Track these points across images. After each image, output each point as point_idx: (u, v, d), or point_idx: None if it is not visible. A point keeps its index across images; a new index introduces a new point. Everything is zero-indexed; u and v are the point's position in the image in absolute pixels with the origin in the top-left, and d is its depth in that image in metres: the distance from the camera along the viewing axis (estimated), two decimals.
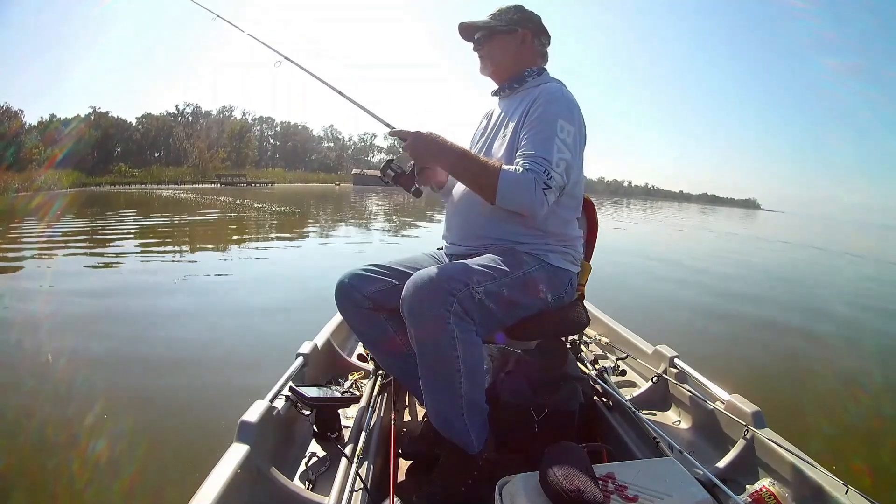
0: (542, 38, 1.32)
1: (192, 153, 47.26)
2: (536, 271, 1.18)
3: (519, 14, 1.29)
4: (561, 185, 1.12)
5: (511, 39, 1.28)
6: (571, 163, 1.15)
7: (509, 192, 1.09)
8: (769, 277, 8.01)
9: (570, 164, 1.14)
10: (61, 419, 2.04)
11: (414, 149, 1.18)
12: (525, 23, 1.29)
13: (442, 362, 1.03)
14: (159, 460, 1.78)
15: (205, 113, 57.98)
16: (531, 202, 1.09)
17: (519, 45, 1.29)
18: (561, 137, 1.12)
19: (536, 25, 1.31)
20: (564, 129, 1.13)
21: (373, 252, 7.14)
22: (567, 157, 1.13)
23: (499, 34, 1.29)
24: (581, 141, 1.20)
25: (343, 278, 1.28)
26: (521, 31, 1.28)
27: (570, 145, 1.14)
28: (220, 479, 0.88)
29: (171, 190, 24.64)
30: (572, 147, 1.15)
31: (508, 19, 1.28)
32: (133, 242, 7.10)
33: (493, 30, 1.29)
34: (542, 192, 1.08)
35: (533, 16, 1.31)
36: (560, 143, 1.12)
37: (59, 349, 2.78)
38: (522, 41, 1.29)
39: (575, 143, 1.16)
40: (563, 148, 1.12)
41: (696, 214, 38.13)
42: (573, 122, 1.16)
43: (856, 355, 3.86)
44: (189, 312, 3.70)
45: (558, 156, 1.11)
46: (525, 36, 1.29)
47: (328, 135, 72.83)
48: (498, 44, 1.29)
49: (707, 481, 0.97)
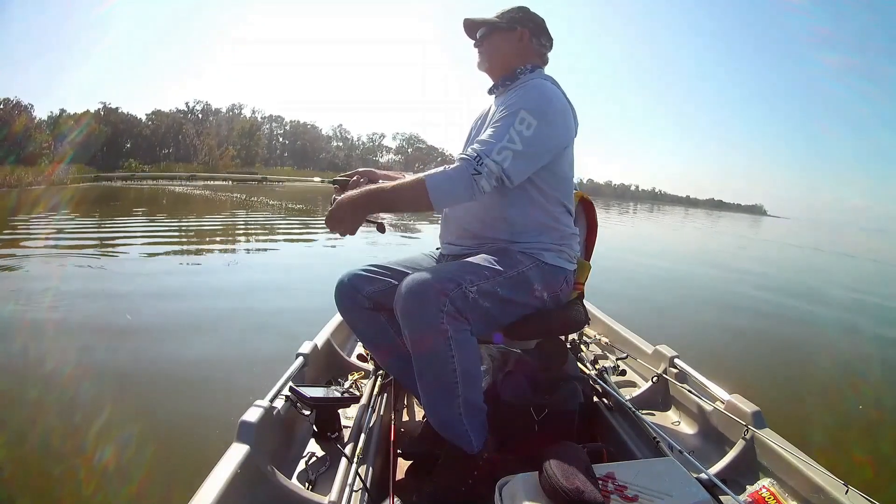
0: (542, 39, 1.32)
1: (201, 150, 47.33)
2: (531, 270, 1.17)
3: (521, 14, 1.30)
4: (496, 173, 1.08)
5: (509, 36, 1.28)
6: (521, 154, 1.10)
7: (438, 192, 1.07)
8: (769, 277, 8.02)
9: (518, 154, 1.09)
10: (67, 425, 2.03)
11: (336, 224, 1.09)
12: (525, 22, 1.29)
13: (437, 363, 1.03)
14: (166, 465, 1.76)
15: (214, 110, 58.35)
16: (462, 191, 1.07)
17: (516, 42, 1.28)
18: (517, 129, 1.10)
19: (536, 25, 1.30)
20: (525, 121, 1.10)
21: (376, 251, 7.15)
22: (516, 148, 1.09)
23: (498, 31, 1.29)
24: (549, 137, 1.15)
25: (343, 278, 1.28)
26: (520, 29, 1.28)
27: (527, 138, 1.10)
28: (220, 479, 0.88)
29: (183, 187, 24.65)
30: (529, 140, 1.10)
31: (510, 17, 1.29)
32: (140, 242, 7.09)
33: (493, 26, 1.29)
34: (472, 178, 1.06)
35: (535, 17, 1.31)
36: (513, 134, 1.10)
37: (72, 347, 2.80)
38: (520, 39, 1.28)
39: (536, 137, 1.11)
40: (516, 139, 1.09)
41: (704, 219, 37.88)
42: (540, 116, 1.12)
43: (856, 354, 3.86)
44: (198, 310, 3.71)
45: (504, 144, 1.08)
46: (523, 34, 1.28)
47: (337, 134, 73.09)
48: (496, 40, 1.29)
49: (707, 481, 0.97)
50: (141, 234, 8.05)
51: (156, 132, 51.66)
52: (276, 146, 67.47)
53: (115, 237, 7.54)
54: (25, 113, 36.05)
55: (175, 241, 7.43)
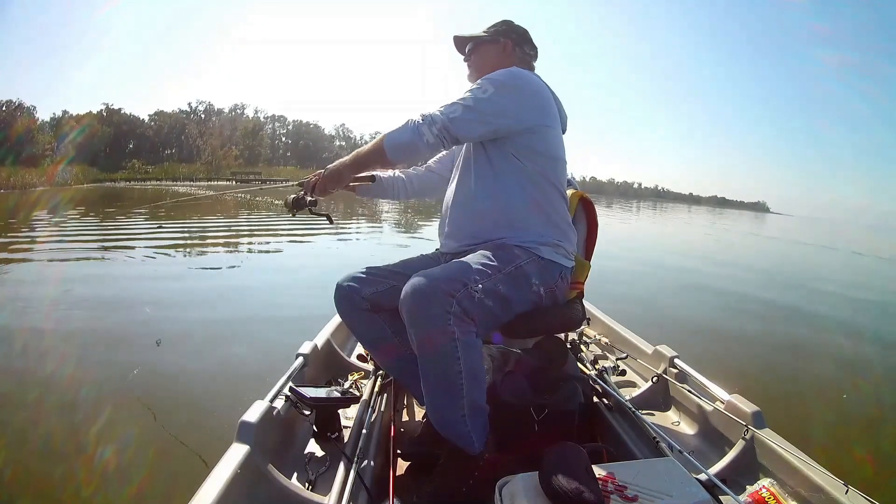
0: (526, 48, 1.39)
1: (204, 150, 47.39)
2: (527, 264, 1.18)
3: (504, 26, 1.38)
4: (438, 122, 1.13)
5: (494, 48, 1.36)
6: (472, 109, 1.15)
7: (392, 143, 1.17)
8: (770, 277, 8.01)
9: (468, 109, 1.15)
10: (68, 426, 2.03)
11: (325, 181, 1.27)
12: (508, 33, 1.37)
13: (443, 364, 1.03)
14: (166, 465, 1.76)
15: (217, 111, 58.33)
16: (406, 138, 1.15)
17: (500, 52, 1.36)
18: (475, 93, 1.16)
19: (519, 36, 1.38)
20: (482, 86, 1.17)
21: (376, 252, 7.15)
22: (467, 104, 1.15)
23: (484, 44, 1.37)
24: (511, 104, 1.19)
25: (341, 281, 1.29)
26: (503, 40, 1.36)
27: (481, 99, 1.15)
28: (220, 479, 0.88)
29: (187, 187, 24.63)
30: (482, 102, 1.15)
31: (494, 31, 1.38)
32: (142, 244, 7.08)
33: (479, 40, 1.38)
34: (416, 125, 1.14)
35: (518, 28, 1.39)
36: (468, 95, 1.16)
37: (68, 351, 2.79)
38: (504, 49, 1.36)
39: (490, 100, 1.16)
40: (469, 98, 1.16)
41: (708, 217, 37.71)
42: (499, 85, 1.17)
43: (856, 354, 3.86)
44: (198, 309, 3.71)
45: (457, 101, 1.16)
46: (506, 44, 1.36)
47: (340, 133, 72.95)
48: (482, 52, 1.38)
49: (707, 481, 0.97)
50: (143, 235, 8.06)
51: (159, 132, 51.84)
52: (278, 146, 67.44)
53: (117, 238, 7.55)
54: (28, 114, 36.17)
55: (177, 242, 7.42)
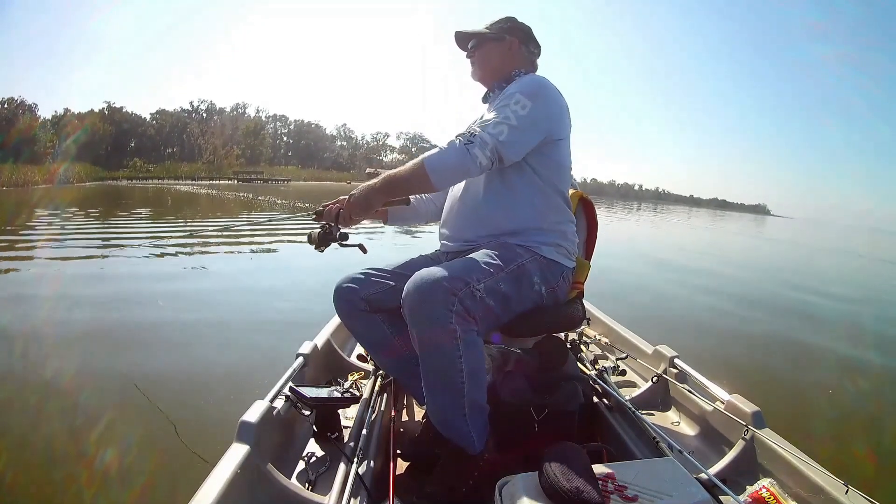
0: (531, 47, 1.38)
1: (206, 150, 47.39)
2: (529, 263, 1.18)
3: (509, 24, 1.36)
4: (490, 143, 1.11)
5: (499, 46, 1.35)
6: (516, 129, 1.13)
7: (437, 167, 1.11)
8: (770, 276, 8.01)
9: (513, 129, 1.13)
10: (69, 429, 2.02)
11: (355, 209, 1.20)
12: (514, 31, 1.35)
13: (444, 363, 1.03)
14: (167, 466, 1.76)
15: (219, 110, 58.29)
16: (456, 161, 1.10)
17: (506, 51, 1.34)
18: (513, 109, 1.15)
19: (524, 34, 1.37)
20: (520, 101, 1.15)
21: (376, 252, 7.13)
22: (511, 123, 1.13)
23: (489, 41, 1.35)
24: (543, 118, 1.19)
25: (340, 282, 1.29)
26: (509, 39, 1.34)
27: (521, 116, 1.14)
28: (220, 479, 0.88)
29: (189, 186, 24.59)
30: (523, 118, 1.14)
31: (498, 28, 1.36)
32: (144, 243, 7.07)
33: (483, 37, 1.36)
34: (465, 147, 1.10)
35: (523, 26, 1.38)
36: (508, 113, 1.14)
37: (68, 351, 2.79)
38: (509, 47, 1.35)
39: (531, 116, 1.15)
40: (511, 116, 1.14)
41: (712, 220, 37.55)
42: (533, 98, 1.16)
43: (856, 353, 3.86)
44: (198, 310, 3.71)
45: (500, 120, 1.13)
46: (512, 43, 1.35)
47: (341, 133, 72.83)
48: (487, 50, 1.36)
49: (707, 481, 0.97)
50: (145, 234, 8.06)
51: (160, 131, 51.82)
52: (280, 145, 67.32)
53: (118, 237, 7.54)
54: (30, 112, 36.22)
55: (179, 242, 7.41)
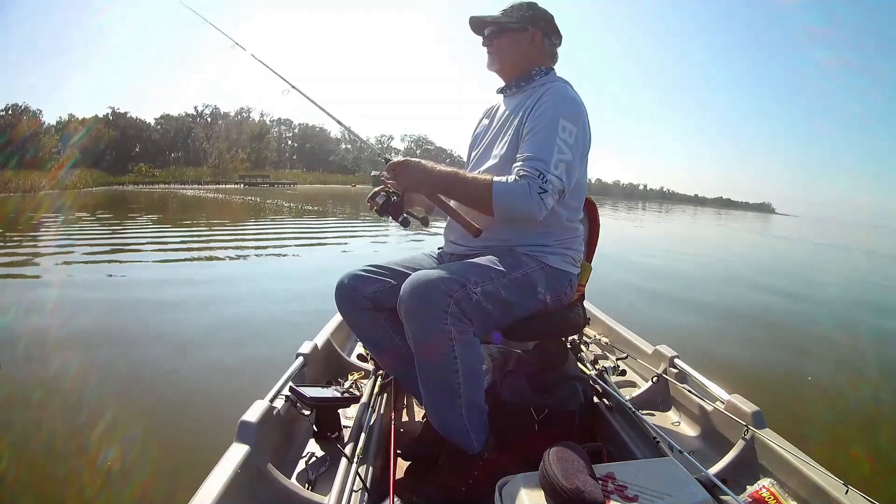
0: (553, 38, 1.30)
1: (211, 154, 47.39)
2: (535, 272, 1.17)
3: (531, 12, 1.26)
4: (560, 187, 1.10)
5: (521, 38, 1.26)
6: (572, 163, 1.12)
7: (505, 204, 1.09)
8: (769, 276, 8.00)
9: (570, 164, 1.12)
10: (71, 427, 2.03)
11: (405, 177, 1.15)
12: (536, 21, 1.26)
13: (440, 363, 1.03)
14: (168, 466, 1.76)
15: (223, 114, 58.16)
16: (528, 208, 1.07)
17: (528, 43, 1.26)
18: (562, 138, 1.11)
19: (548, 24, 1.27)
20: (566, 129, 1.12)
21: (377, 250, 7.15)
22: (567, 158, 1.11)
23: (509, 31, 1.26)
24: (584, 142, 1.18)
25: (342, 279, 1.27)
26: (532, 30, 1.25)
27: (572, 146, 1.12)
28: (220, 479, 0.88)
29: (195, 190, 24.62)
30: (573, 147, 1.12)
31: (520, 16, 1.25)
32: (149, 247, 7.06)
33: (503, 26, 1.26)
34: (539, 196, 1.06)
35: (545, 14, 1.28)
36: (561, 144, 1.10)
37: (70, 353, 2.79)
38: (532, 40, 1.26)
39: (577, 143, 1.14)
40: (564, 149, 1.11)
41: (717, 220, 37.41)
42: (576, 122, 1.14)
43: (856, 353, 3.86)
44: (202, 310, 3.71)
45: (558, 157, 1.10)
46: (535, 35, 1.26)
47: (346, 137, 72.78)
48: (507, 41, 1.27)
49: (707, 481, 0.97)
50: (150, 238, 8.05)
51: (165, 136, 51.95)
52: (285, 149, 67.40)
53: (124, 242, 7.54)
54: (34, 118, 36.28)
55: (184, 245, 7.41)
